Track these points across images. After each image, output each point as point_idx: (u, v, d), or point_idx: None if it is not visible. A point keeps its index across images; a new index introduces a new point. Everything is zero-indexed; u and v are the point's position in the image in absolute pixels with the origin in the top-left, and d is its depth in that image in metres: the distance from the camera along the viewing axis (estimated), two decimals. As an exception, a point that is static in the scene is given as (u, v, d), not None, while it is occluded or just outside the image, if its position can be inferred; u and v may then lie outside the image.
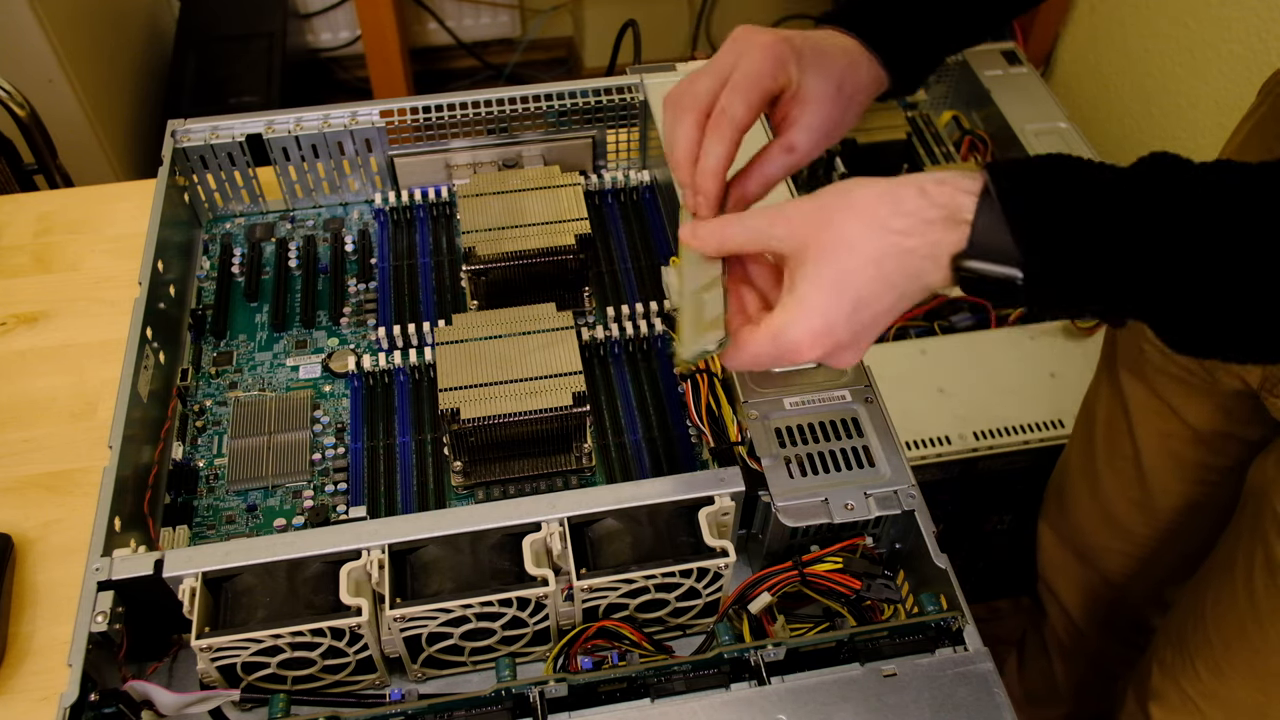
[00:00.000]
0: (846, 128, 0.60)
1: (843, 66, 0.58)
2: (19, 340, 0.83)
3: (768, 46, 0.55)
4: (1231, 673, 0.73)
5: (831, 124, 0.58)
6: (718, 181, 0.56)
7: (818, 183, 1.23)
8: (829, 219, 0.49)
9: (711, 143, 0.55)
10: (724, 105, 0.55)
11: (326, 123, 0.83)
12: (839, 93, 0.58)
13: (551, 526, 0.57)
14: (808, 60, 0.56)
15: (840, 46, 0.59)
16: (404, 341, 0.76)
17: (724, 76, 0.55)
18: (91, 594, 0.55)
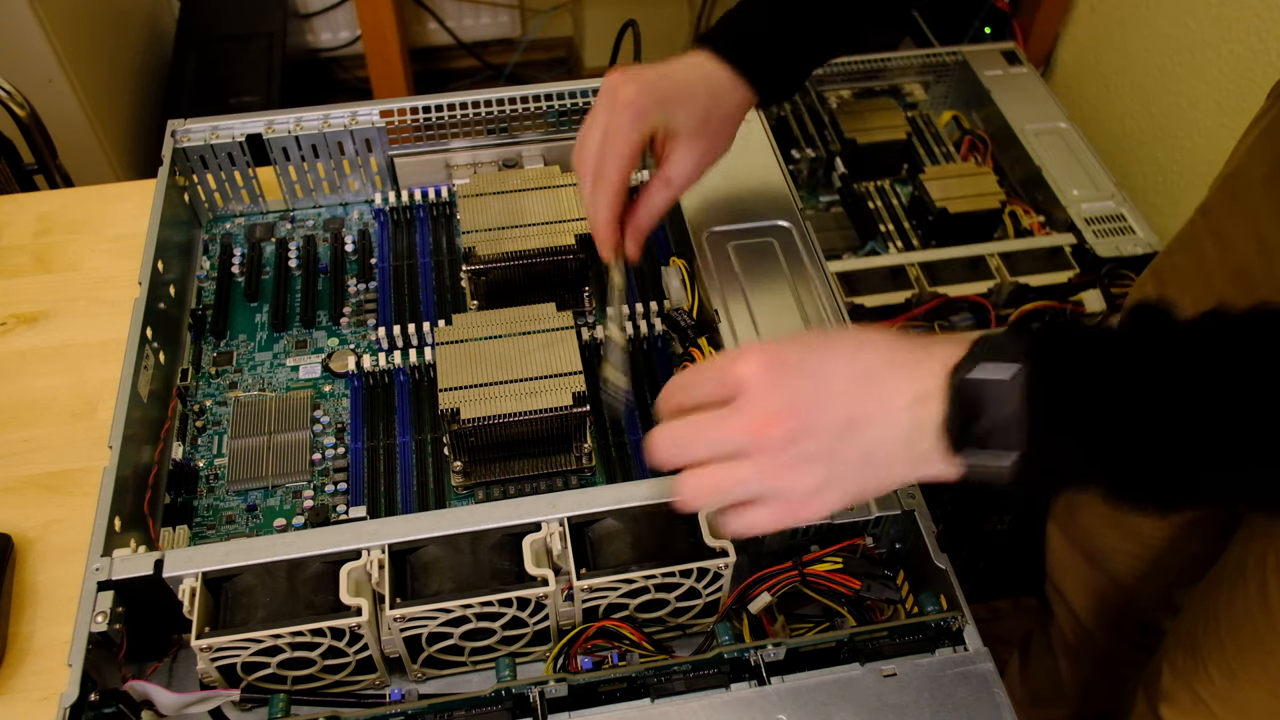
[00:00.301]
0: (722, 151, 0.67)
1: (708, 100, 0.64)
2: (19, 340, 0.83)
3: (631, 104, 0.61)
4: (1244, 676, 0.73)
5: (703, 153, 0.65)
6: (609, 230, 0.64)
7: (818, 184, 1.23)
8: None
9: (595, 201, 0.63)
10: (600, 167, 0.62)
11: (326, 123, 0.83)
12: (705, 125, 0.64)
13: (551, 526, 0.57)
14: (673, 102, 0.62)
15: (705, 78, 0.64)
16: (404, 341, 0.76)
17: (602, 133, 0.62)
18: (91, 594, 0.55)
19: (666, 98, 0.62)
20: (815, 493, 0.46)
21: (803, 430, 0.45)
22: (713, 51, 0.65)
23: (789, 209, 0.77)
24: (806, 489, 0.46)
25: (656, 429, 0.49)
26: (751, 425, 0.46)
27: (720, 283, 0.72)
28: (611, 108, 0.62)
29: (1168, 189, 1.43)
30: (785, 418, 0.46)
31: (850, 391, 0.46)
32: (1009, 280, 1.08)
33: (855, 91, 1.30)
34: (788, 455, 0.46)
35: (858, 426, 0.45)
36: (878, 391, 0.45)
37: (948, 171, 1.17)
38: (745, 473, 0.46)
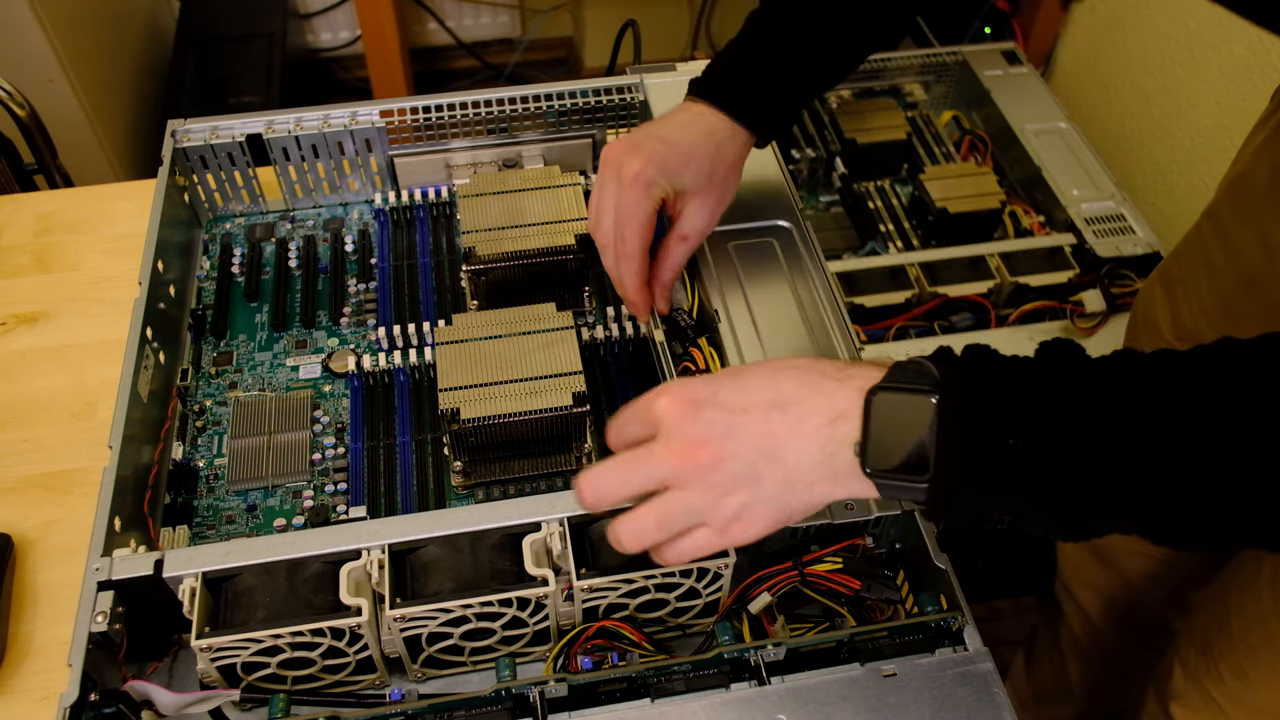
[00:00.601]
0: (731, 197, 0.70)
1: (712, 156, 0.67)
2: (19, 340, 0.83)
3: (637, 178, 0.64)
4: (1256, 676, 0.73)
5: (714, 205, 0.69)
6: (640, 295, 0.69)
7: (818, 184, 1.23)
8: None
9: (622, 274, 0.68)
10: (620, 244, 0.66)
11: (326, 123, 0.83)
12: (711, 181, 0.67)
13: (551, 526, 0.57)
14: (677, 168, 0.66)
15: (706, 134, 0.67)
16: (404, 341, 0.76)
17: (614, 208, 0.66)
18: (91, 594, 0.55)
19: (670, 166, 0.65)
20: (740, 516, 0.48)
21: (725, 455, 0.47)
22: (708, 103, 0.68)
23: (789, 209, 0.77)
24: (732, 512, 0.48)
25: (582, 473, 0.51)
26: (675, 454, 0.48)
27: (720, 283, 0.72)
28: (619, 183, 0.65)
29: (1168, 189, 1.43)
30: (706, 445, 0.48)
31: (765, 417, 0.47)
32: (1009, 280, 1.08)
33: (855, 91, 1.30)
34: (713, 480, 0.48)
35: (776, 449, 0.47)
36: (793, 415, 0.47)
37: (948, 171, 1.17)
38: (680, 502, 0.48)
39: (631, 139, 0.67)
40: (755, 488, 0.48)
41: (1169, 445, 0.40)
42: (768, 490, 0.48)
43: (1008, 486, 0.43)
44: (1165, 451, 0.40)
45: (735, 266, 0.73)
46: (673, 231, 0.69)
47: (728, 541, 0.49)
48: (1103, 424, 0.41)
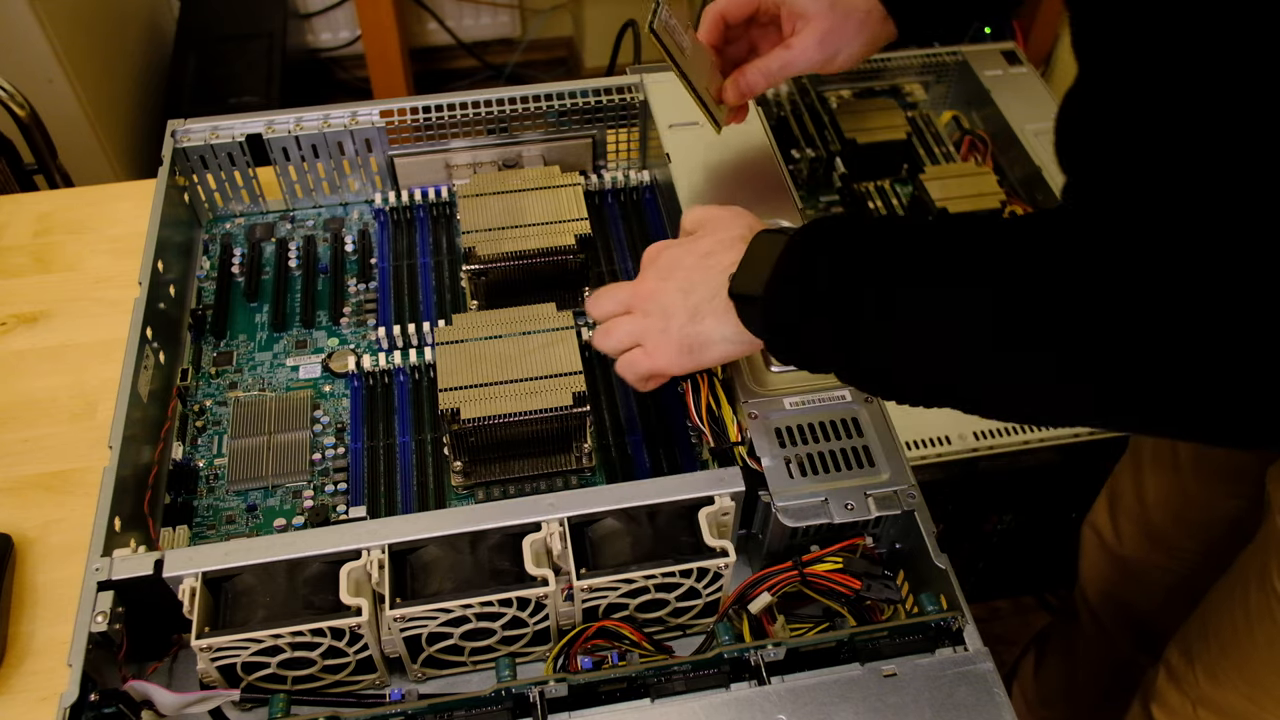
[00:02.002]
0: (845, 48, 0.69)
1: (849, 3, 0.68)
2: (19, 340, 0.83)
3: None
4: (1224, 678, 0.73)
5: (825, 38, 0.68)
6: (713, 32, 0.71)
7: (818, 184, 1.23)
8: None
9: (707, 13, 0.70)
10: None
11: (326, 123, 0.83)
12: (832, 13, 0.68)
13: (551, 526, 0.57)
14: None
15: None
16: (404, 341, 0.76)
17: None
18: (91, 594, 0.55)
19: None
20: (661, 336, 0.59)
21: (658, 288, 0.60)
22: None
23: (789, 209, 0.77)
24: (656, 332, 0.59)
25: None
26: (631, 286, 0.62)
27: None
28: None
29: (1168, 189, 1.43)
30: (651, 280, 0.61)
31: (696, 262, 0.59)
32: (1009, 280, 1.08)
33: (855, 91, 1.30)
34: (645, 308, 0.60)
35: (692, 285, 0.58)
36: (712, 262, 0.58)
37: (948, 171, 1.17)
38: (622, 321, 0.62)
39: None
40: (669, 317, 0.59)
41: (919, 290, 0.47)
42: (677, 320, 0.58)
43: (813, 299, 0.50)
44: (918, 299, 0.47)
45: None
46: (780, 46, 0.69)
47: (650, 360, 0.60)
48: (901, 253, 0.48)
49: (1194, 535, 0.89)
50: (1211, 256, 0.40)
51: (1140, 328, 0.41)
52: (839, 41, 0.68)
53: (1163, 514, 0.90)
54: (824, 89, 1.29)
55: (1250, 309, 0.39)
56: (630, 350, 0.61)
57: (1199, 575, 0.90)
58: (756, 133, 0.83)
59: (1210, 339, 0.40)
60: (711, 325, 0.57)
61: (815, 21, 0.67)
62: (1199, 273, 0.40)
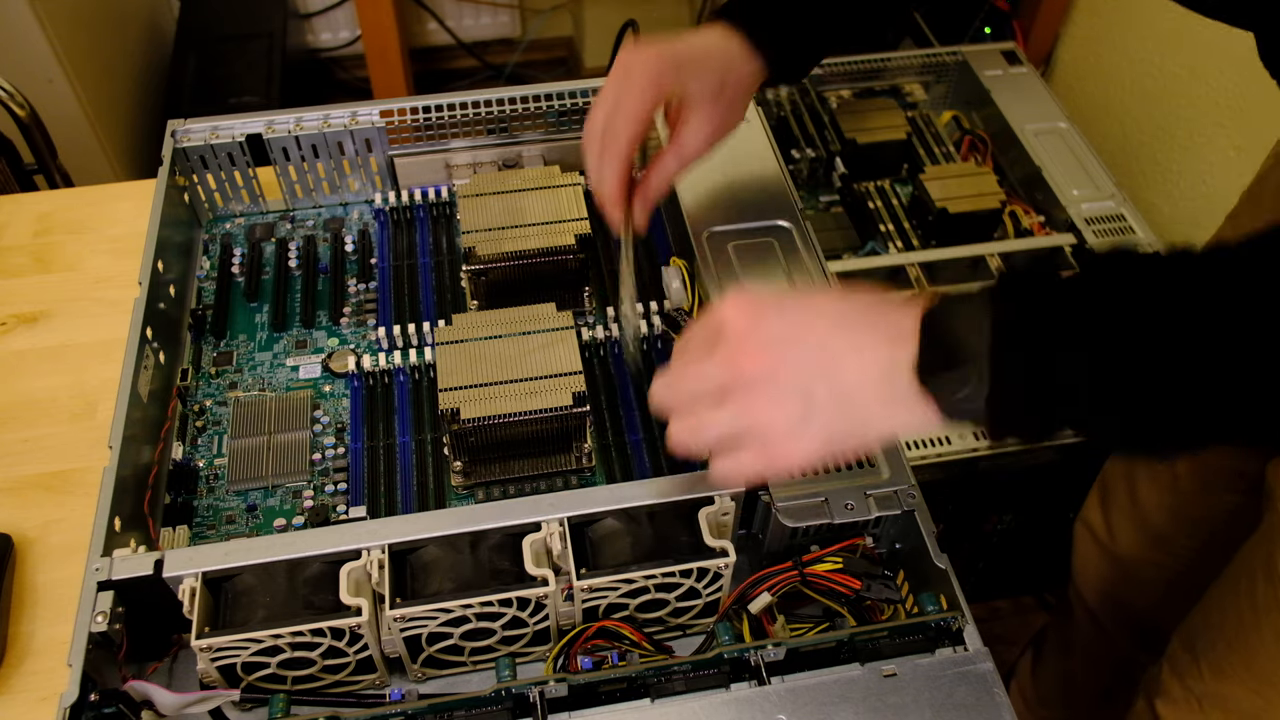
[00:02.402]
0: (733, 124, 0.67)
1: (722, 67, 0.64)
2: (19, 340, 0.83)
3: (645, 68, 0.61)
4: (1230, 673, 0.73)
5: (716, 123, 0.65)
6: (617, 194, 0.64)
7: (818, 184, 1.23)
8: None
9: (602, 166, 0.63)
10: (611, 132, 0.62)
11: (326, 123, 0.83)
12: (720, 94, 0.64)
13: (551, 526, 0.57)
14: (688, 69, 0.62)
15: (720, 48, 0.64)
16: (404, 341, 0.76)
17: (615, 100, 0.62)
18: (91, 594, 0.55)
19: (682, 62, 0.62)
20: (794, 430, 0.47)
21: (780, 365, 0.46)
22: (729, 23, 0.65)
23: (789, 209, 0.77)
24: (785, 426, 0.47)
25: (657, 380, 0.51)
26: (730, 361, 0.47)
27: (720, 283, 0.72)
28: (627, 75, 0.62)
29: (1167, 189, 1.43)
30: (763, 353, 0.47)
31: (828, 333, 0.47)
32: (1009, 280, 1.08)
33: (855, 91, 1.30)
34: (765, 390, 0.47)
35: (834, 365, 0.46)
36: (854, 335, 0.46)
37: (948, 171, 1.17)
38: (723, 412, 0.48)
39: (645, 40, 0.64)
40: (808, 405, 0.46)
41: (1207, 345, 0.40)
42: (823, 406, 0.46)
43: (1061, 385, 0.42)
44: (1205, 351, 0.40)
45: (735, 266, 0.73)
46: (670, 144, 0.66)
47: (772, 463, 0.48)
48: (1149, 323, 0.41)
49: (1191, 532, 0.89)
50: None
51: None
52: (729, 122, 0.67)
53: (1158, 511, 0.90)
54: (824, 89, 1.29)
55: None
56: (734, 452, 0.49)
57: (1196, 571, 0.91)
58: (756, 133, 0.83)
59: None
60: (880, 415, 0.46)
61: (702, 111, 0.64)
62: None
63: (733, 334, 0.48)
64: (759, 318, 0.48)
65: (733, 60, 0.64)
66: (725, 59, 0.64)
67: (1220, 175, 1.33)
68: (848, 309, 0.47)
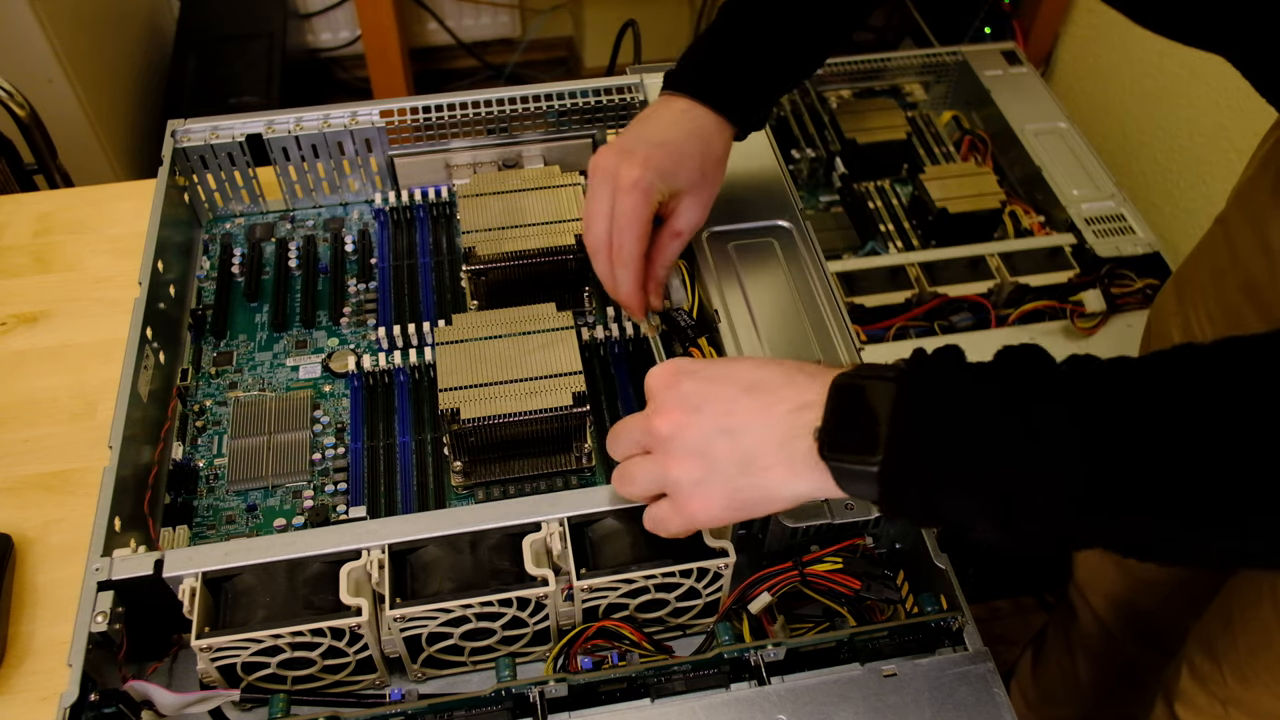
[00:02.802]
0: (718, 189, 0.71)
1: (700, 155, 0.68)
2: (19, 340, 0.83)
3: (635, 185, 0.65)
4: (1255, 679, 0.73)
5: (705, 200, 0.70)
6: (636, 298, 0.69)
7: (818, 184, 1.23)
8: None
9: (619, 280, 0.68)
10: (619, 251, 0.67)
11: (326, 123, 0.83)
12: (704, 178, 0.69)
13: (551, 526, 0.57)
14: (671, 170, 0.66)
15: (694, 131, 0.68)
16: (404, 341, 0.76)
17: (609, 215, 0.66)
18: (91, 594, 0.55)
19: (665, 169, 0.66)
20: (696, 488, 0.49)
21: (688, 425, 0.49)
22: (688, 96, 0.69)
23: (789, 209, 0.77)
24: (689, 482, 0.49)
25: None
26: (646, 419, 0.52)
27: (720, 283, 0.72)
28: (617, 190, 0.66)
29: (1168, 189, 1.44)
30: (674, 413, 0.50)
31: (738, 396, 0.49)
32: (1009, 280, 1.08)
33: (855, 91, 1.30)
34: (673, 448, 0.50)
35: (739, 427, 0.48)
36: (765, 399, 0.48)
37: (948, 171, 1.17)
38: (644, 466, 0.52)
39: (622, 145, 0.67)
40: (710, 465, 0.49)
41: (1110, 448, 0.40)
42: (722, 469, 0.48)
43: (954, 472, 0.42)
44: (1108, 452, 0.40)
45: (735, 266, 0.73)
46: (666, 229, 0.70)
47: (684, 517, 0.50)
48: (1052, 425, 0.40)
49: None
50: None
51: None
52: (714, 195, 0.71)
53: None
54: (824, 89, 1.29)
55: None
56: (658, 502, 0.52)
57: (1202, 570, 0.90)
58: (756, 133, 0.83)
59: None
60: (779, 479, 0.47)
61: (691, 195, 0.69)
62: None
63: (654, 396, 0.52)
64: (677, 381, 0.51)
65: (708, 141, 0.68)
66: (701, 143, 0.68)
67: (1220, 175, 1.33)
68: (763, 375, 0.49)
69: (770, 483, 0.48)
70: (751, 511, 0.49)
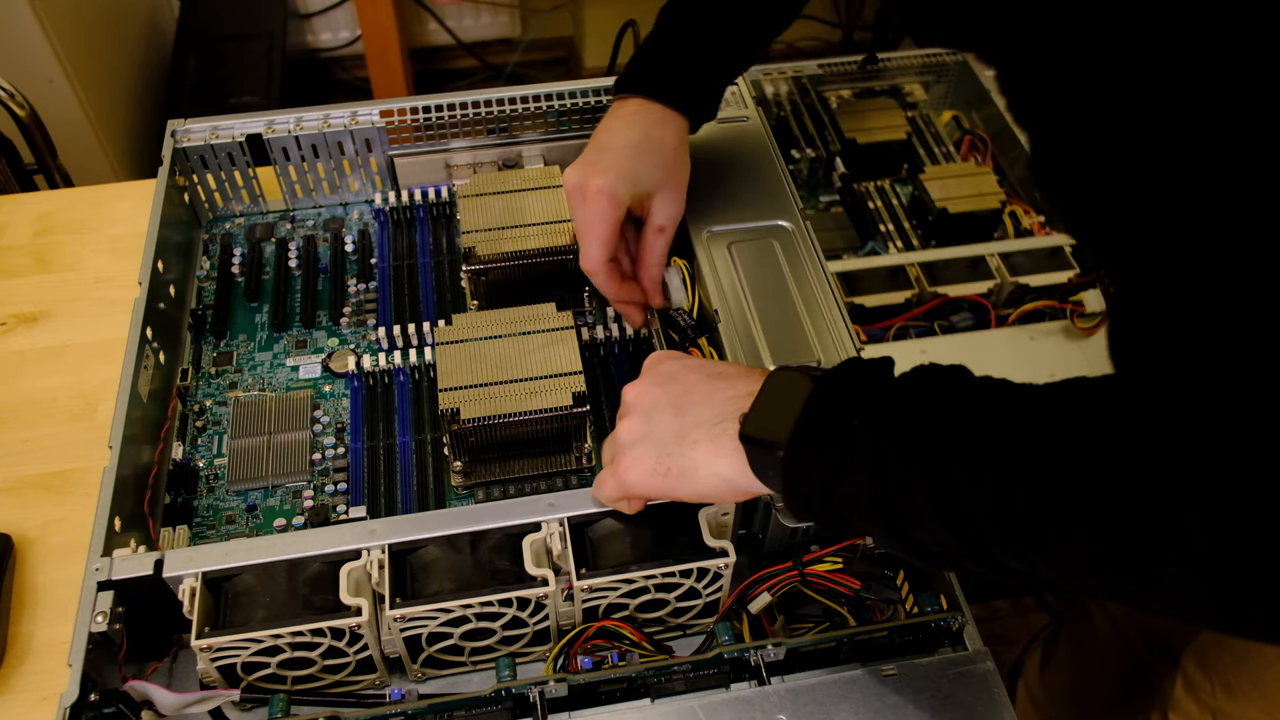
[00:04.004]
0: (687, 178, 0.72)
1: (658, 151, 0.70)
2: (19, 340, 0.83)
3: (598, 193, 0.67)
4: (1241, 693, 0.73)
5: (676, 192, 0.71)
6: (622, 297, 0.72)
7: (818, 184, 1.23)
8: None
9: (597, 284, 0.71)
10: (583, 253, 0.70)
11: (326, 123, 0.83)
12: (667, 171, 0.70)
13: (551, 526, 0.57)
14: (632, 172, 0.68)
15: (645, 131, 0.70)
16: (404, 341, 0.76)
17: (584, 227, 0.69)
18: (91, 594, 0.55)
19: (627, 172, 0.68)
20: (630, 449, 0.53)
21: (645, 394, 0.54)
22: (638, 95, 0.71)
23: (789, 209, 0.77)
24: (627, 443, 0.54)
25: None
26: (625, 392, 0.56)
27: (720, 283, 0.72)
28: (584, 202, 0.68)
29: (1168, 189, 1.43)
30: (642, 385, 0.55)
31: (700, 381, 0.53)
32: (1009, 280, 1.08)
33: (855, 91, 1.30)
34: (628, 413, 0.55)
35: (688, 405, 0.52)
36: (720, 384, 0.52)
37: (948, 171, 1.17)
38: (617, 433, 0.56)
39: (583, 160, 0.70)
40: (649, 430, 0.53)
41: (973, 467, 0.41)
42: (658, 435, 0.52)
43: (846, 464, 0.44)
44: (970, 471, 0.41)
45: (735, 266, 0.73)
46: (647, 228, 0.71)
47: (615, 477, 0.54)
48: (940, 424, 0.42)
49: None
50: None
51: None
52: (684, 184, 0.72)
53: None
54: (824, 89, 1.29)
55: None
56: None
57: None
58: (756, 133, 0.83)
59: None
60: (704, 455, 0.50)
61: (661, 191, 0.70)
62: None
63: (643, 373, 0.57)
64: (659, 361, 0.56)
65: (663, 136, 0.70)
66: (657, 140, 0.70)
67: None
68: (729, 368, 0.54)
69: (695, 457, 0.51)
70: (675, 483, 0.52)
